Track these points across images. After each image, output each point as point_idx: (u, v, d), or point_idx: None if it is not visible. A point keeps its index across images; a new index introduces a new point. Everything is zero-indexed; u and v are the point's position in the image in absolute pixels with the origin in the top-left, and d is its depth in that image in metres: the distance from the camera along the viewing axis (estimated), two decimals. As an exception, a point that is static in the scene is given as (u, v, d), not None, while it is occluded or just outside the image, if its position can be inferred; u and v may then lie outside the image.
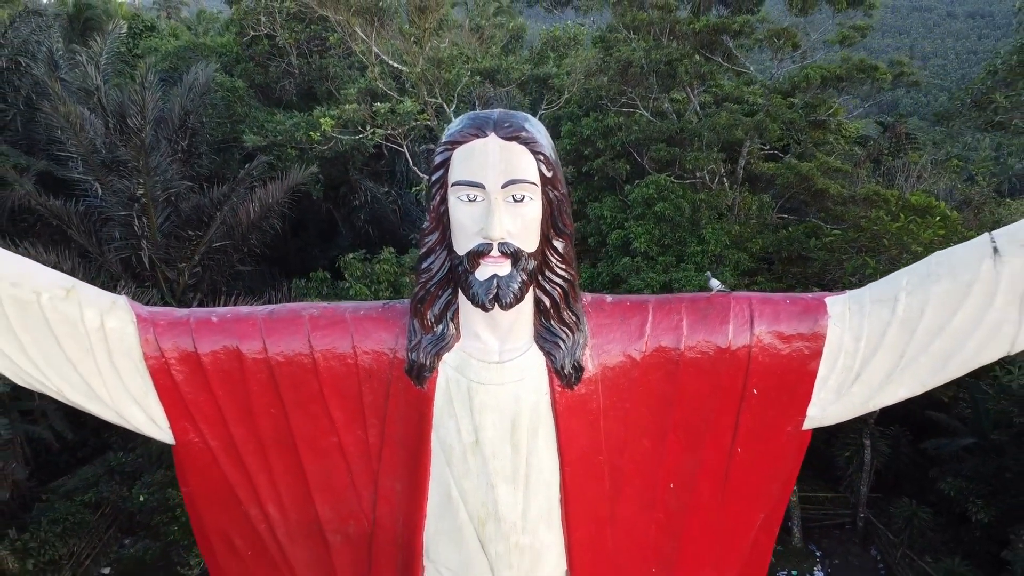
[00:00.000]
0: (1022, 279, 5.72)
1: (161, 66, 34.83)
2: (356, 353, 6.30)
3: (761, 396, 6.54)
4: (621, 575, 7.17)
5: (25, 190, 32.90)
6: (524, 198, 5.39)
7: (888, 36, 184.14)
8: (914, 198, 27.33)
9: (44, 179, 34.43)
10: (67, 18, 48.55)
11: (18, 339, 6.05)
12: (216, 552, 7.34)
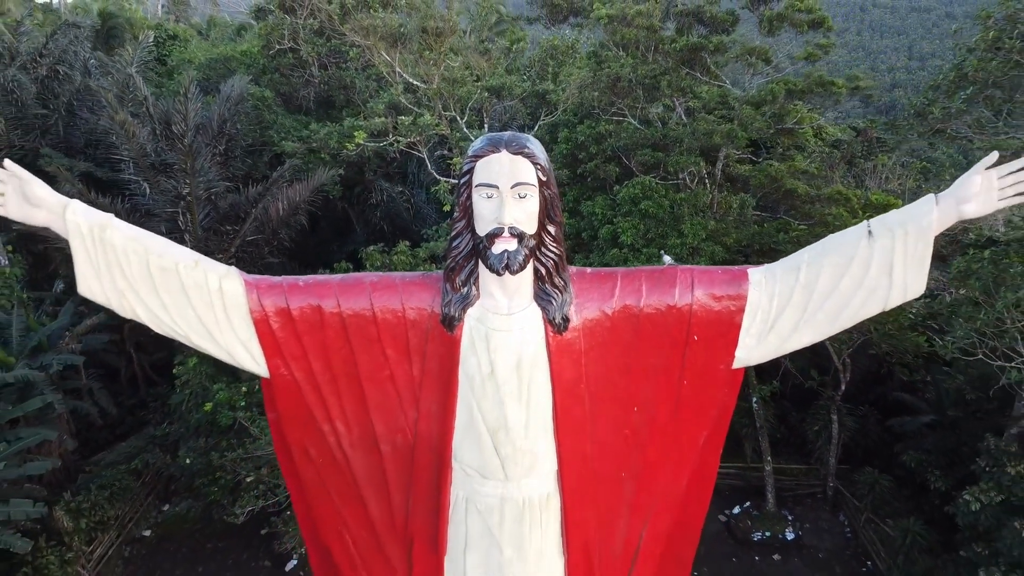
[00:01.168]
0: (889, 254, 7.45)
1: (195, 76, 35.76)
2: (404, 309, 7.97)
3: (700, 341, 8.15)
4: (598, 477, 8.73)
5: (76, 189, 33.99)
6: (526, 195, 7.12)
7: (888, 36, 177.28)
8: (875, 196, 28.11)
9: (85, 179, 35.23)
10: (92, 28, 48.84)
11: (160, 298, 7.74)
12: (296, 461, 8.90)
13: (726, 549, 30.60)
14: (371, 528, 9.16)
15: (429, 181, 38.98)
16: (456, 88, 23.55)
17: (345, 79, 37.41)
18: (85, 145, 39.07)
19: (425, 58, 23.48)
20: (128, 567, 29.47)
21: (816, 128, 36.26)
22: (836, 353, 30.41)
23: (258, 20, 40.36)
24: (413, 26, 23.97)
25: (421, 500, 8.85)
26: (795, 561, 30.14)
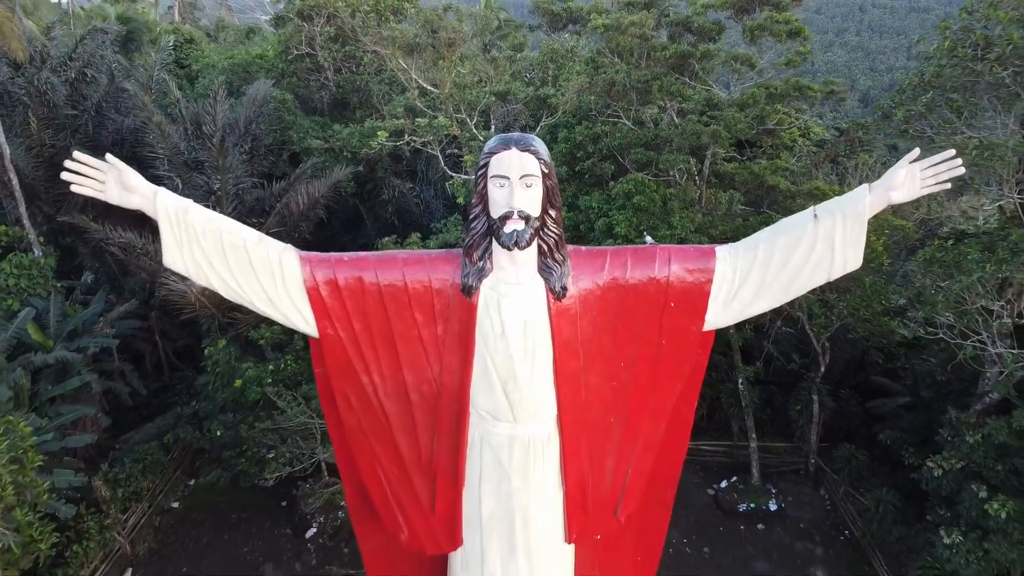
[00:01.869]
0: (831, 234, 8.71)
1: (220, 79, 36.61)
2: (430, 280, 9.21)
3: (676, 308, 9.37)
4: (590, 421, 9.94)
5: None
6: (532, 185, 8.40)
7: (887, 37, 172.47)
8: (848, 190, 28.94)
9: None
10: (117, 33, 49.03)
11: (230, 269, 8.97)
12: (339, 409, 10.10)
13: (714, 519, 31.63)
14: (401, 464, 10.38)
15: (437, 178, 39.71)
16: (466, 93, 24.56)
17: (359, 83, 38.18)
18: (112, 144, 39.57)
19: (439, 66, 24.47)
20: (158, 535, 30.52)
21: (803, 128, 37.11)
22: (816, 337, 31.32)
23: (277, 27, 41.26)
24: (426, 37, 24.90)
25: (443, 440, 10.08)
26: (778, 530, 31.09)
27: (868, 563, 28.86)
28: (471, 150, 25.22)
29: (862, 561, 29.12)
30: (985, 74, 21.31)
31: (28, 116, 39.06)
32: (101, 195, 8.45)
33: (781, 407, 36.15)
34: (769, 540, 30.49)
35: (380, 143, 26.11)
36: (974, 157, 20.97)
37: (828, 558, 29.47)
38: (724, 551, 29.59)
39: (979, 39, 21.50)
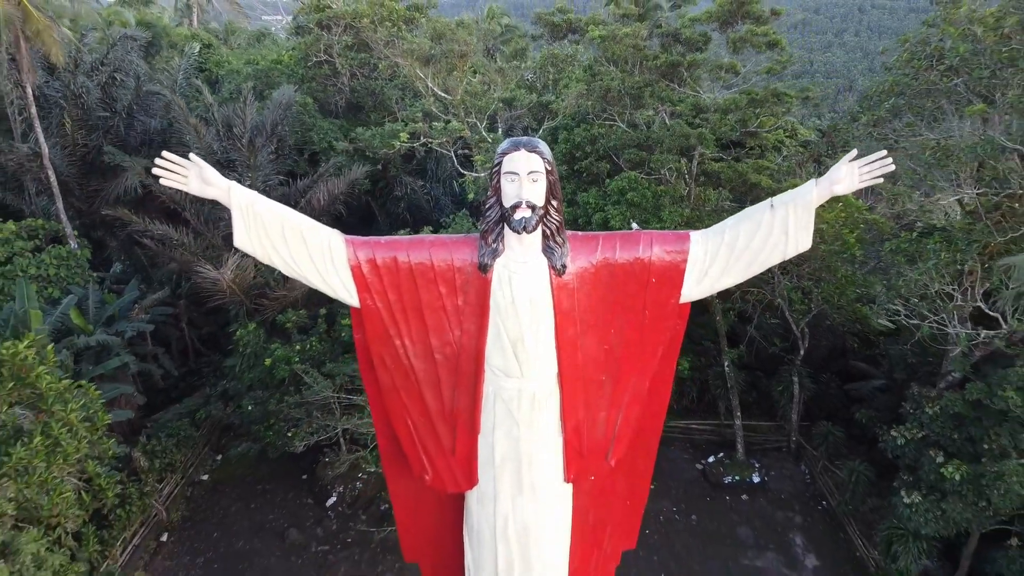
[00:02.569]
0: (784, 221, 10.00)
1: (243, 84, 37.63)
2: (452, 259, 10.47)
3: (657, 283, 10.61)
4: (585, 378, 11.17)
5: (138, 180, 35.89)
6: (537, 179, 9.71)
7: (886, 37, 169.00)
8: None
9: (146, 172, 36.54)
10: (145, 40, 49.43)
11: (290, 251, 10.20)
12: (376, 368, 11.34)
13: (702, 491, 32.69)
14: (427, 415, 11.71)
15: (446, 176, 40.74)
16: (476, 100, 25.67)
17: (374, 88, 39.29)
18: (140, 144, 40.41)
19: (452, 75, 25.56)
20: (190, 505, 31.62)
21: (790, 130, 38.03)
22: (795, 323, 32.42)
23: (298, 36, 42.28)
24: (440, 49, 25.95)
25: (463, 394, 11.41)
26: (760, 501, 32.10)
27: (843, 530, 29.93)
28: (480, 150, 26.22)
29: (838, 528, 30.20)
30: (938, 82, 22.52)
31: (63, 118, 39.95)
32: (184, 187, 9.76)
33: (765, 390, 36.99)
34: (752, 510, 31.49)
35: (401, 144, 27.19)
36: (927, 157, 22.22)
37: (806, 525, 30.52)
38: (710, 519, 30.67)
39: (934, 51, 22.73)
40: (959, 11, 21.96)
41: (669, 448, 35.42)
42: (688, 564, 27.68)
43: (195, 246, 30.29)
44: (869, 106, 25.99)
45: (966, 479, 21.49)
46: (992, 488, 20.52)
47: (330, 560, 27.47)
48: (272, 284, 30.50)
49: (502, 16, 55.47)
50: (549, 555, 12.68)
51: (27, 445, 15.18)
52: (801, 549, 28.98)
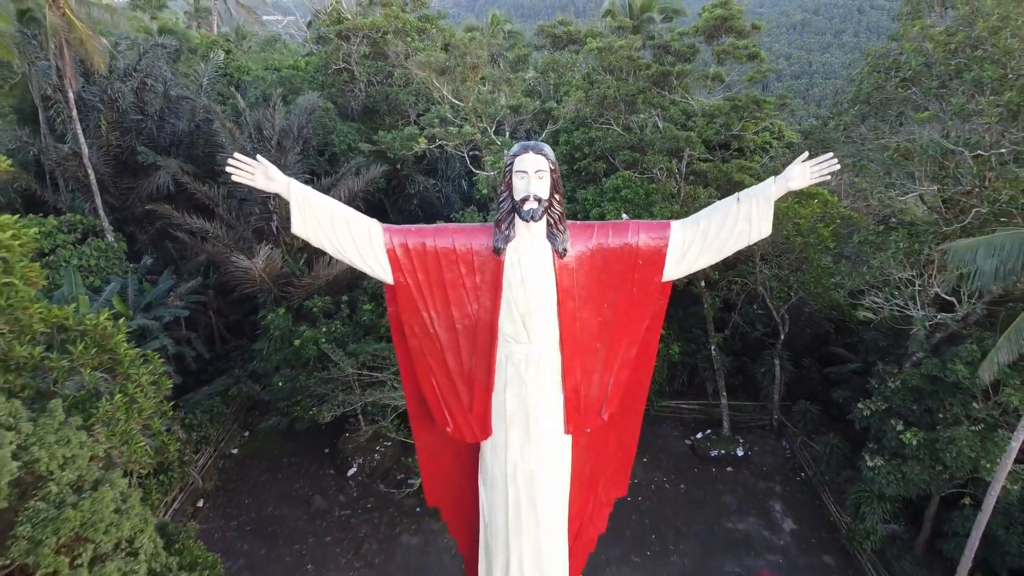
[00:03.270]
0: (748, 211, 11.33)
1: (270, 90, 38.79)
2: (471, 244, 11.79)
3: (643, 264, 11.94)
4: (582, 345, 12.47)
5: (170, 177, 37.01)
6: (543, 176, 11.04)
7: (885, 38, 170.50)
8: (812, 189, 31.47)
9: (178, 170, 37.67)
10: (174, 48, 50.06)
11: (338, 237, 11.38)
12: (406, 336, 12.61)
13: (690, 463, 33.93)
14: (449, 376, 13.10)
15: (455, 175, 41.91)
16: (486, 107, 26.87)
17: (389, 93, 40.45)
18: (169, 144, 41.28)
19: (466, 86, 26.79)
20: (222, 475, 32.86)
21: (778, 132, 39.06)
22: (776, 310, 33.72)
23: (319, 46, 43.44)
24: (455, 61, 27.13)
25: (479, 358, 12.81)
26: (744, 472, 33.30)
27: (819, 498, 31.20)
28: (490, 152, 27.33)
29: (814, 497, 31.46)
30: (895, 92, 23.87)
31: (100, 120, 41.05)
32: (252, 182, 11.14)
33: (750, 373, 38.03)
34: (736, 480, 32.70)
35: (421, 146, 28.42)
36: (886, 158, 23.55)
37: (785, 494, 31.78)
38: (697, 488, 31.96)
39: (892, 63, 24.07)
40: (914, 28, 23.27)
41: (661, 426, 36.61)
42: (676, 527, 29.04)
43: (227, 238, 31.51)
44: (838, 112, 27.31)
45: (923, 444, 22.84)
46: (945, 451, 21.88)
47: (352, 523, 28.85)
48: (297, 273, 31.79)
49: (505, 23, 56.23)
50: (552, 497, 14.14)
51: (110, 400, 16.78)
52: (780, 514, 30.25)
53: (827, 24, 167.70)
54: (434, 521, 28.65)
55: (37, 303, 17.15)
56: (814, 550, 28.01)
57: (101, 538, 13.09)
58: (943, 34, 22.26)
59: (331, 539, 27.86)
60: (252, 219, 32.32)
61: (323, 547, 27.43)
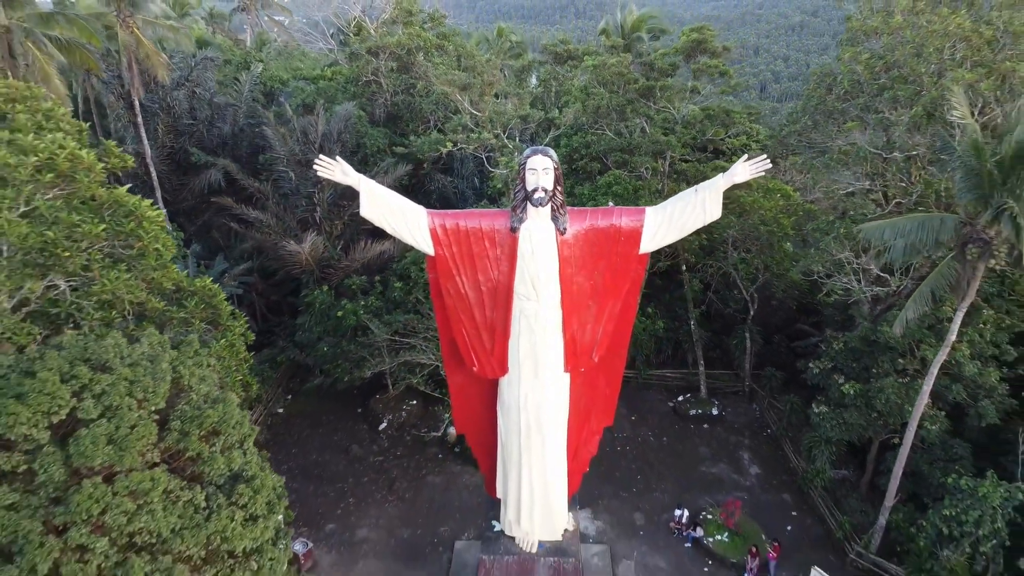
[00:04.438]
0: (703, 199, 13.75)
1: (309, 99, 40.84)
2: (493, 224, 14.22)
3: (624, 241, 14.41)
4: (578, 302, 14.90)
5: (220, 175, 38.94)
6: (548, 172, 13.47)
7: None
8: (770, 183, 33.71)
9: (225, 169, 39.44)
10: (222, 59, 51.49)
11: (395, 220, 13.78)
12: (443, 296, 15.05)
13: (672, 421, 36.02)
14: (476, 327, 15.55)
15: (468, 173, 43.82)
16: (500, 117, 28.93)
17: (411, 103, 42.55)
18: (216, 146, 42.71)
19: (483, 99, 28.92)
20: (271, 430, 34.95)
21: (755, 134, 40.86)
22: (745, 289, 35.87)
23: (351, 61, 45.49)
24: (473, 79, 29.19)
25: (499, 312, 15.24)
26: (718, 429, 35.36)
27: (781, 449, 33.31)
28: (503, 153, 29.26)
29: (777, 448, 33.60)
30: (832, 105, 26.21)
31: (158, 125, 42.98)
32: (332, 176, 13.50)
33: (726, 347, 39.80)
34: (711, 435, 34.78)
35: (448, 148, 30.56)
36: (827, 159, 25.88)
37: (753, 446, 33.96)
38: (678, 441, 34.15)
39: (831, 81, 26.39)
40: (846, 55, 25.51)
41: (648, 391, 38.71)
42: (659, 471, 31.37)
43: (276, 227, 33.71)
44: (793, 120, 29.59)
45: (859, 394, 25.08)
46: (876, 399, 24.16)
47: (384, 467, 31.26)
48: (336, 257, 34.06)
49: (510, 34, 57.69)
50: (554, 423, 16.71)
51: (218, 342, 19.51)
52: (747, 462, 32.50)
53: (825, 26, 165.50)
54: (454, 465, 31.06)
55: (171, 266, 20.00)
56: (775, 490, 30.33)
57: (230, 431, 16.50)
58: (872, 58, 24.50)
59: (367, 479, 30.30)
60: (297, 211, 34.36)
61: (361, 486, 29.88)
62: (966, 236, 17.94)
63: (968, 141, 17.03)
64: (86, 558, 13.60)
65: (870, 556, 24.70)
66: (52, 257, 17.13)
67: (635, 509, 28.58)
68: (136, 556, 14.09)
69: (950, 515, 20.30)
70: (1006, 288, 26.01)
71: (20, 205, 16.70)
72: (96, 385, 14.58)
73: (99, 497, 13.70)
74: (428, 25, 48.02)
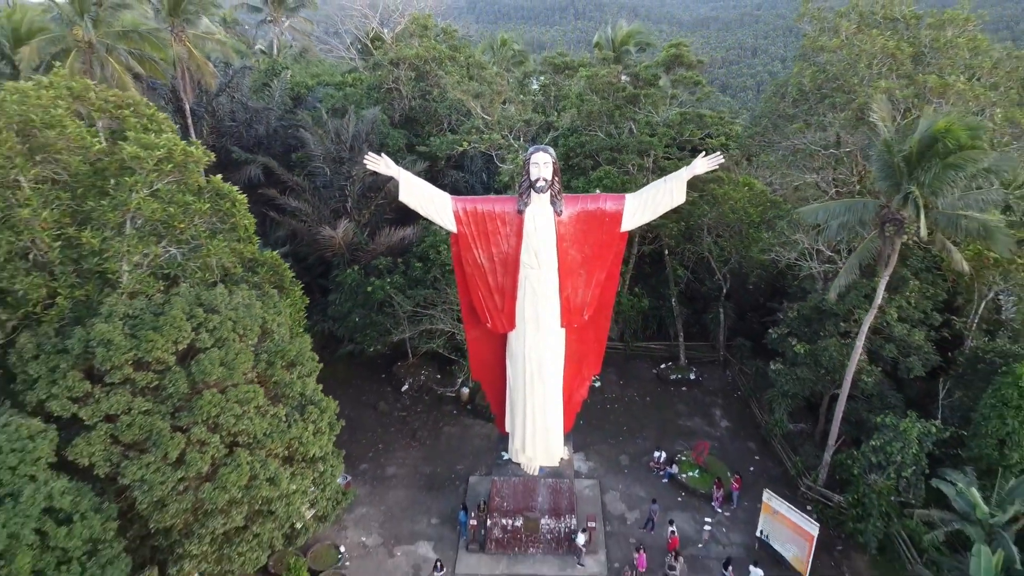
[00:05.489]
0: (671, 188, 16.31)
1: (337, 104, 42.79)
2: (504, 207, 16.76)
3: (608, 221, 16.87)
4: (571, 269, 17.39)
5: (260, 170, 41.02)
6: (548, 166, 16.01)
7: None
8: (740, 178, 35.68)
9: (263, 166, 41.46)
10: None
11: (427, 204, 16.42)
12: (464, 264, 17.57)
13: (655, 385, 38.13)
14: (490, 290, 17.91)
15: (477, 169, 45.84)
16: (507, 121, 31.04)
17: (428, 107, 44.56)
18: (253, 145, 44.19)
19: (492, 106, 31.05)
20: None
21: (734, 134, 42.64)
22: (718, 270, 37.95)
23: (374, 71, 47.47)
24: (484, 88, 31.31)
25: (508, 278, 17.60)
26: (695, 391, 37.51)
27: (748, 407, 35.48)
28: (509, 151, 31.35)
29: (745, 406, 35.80)
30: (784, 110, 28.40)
31: (203, 126, 44.92)
32: (377, 169, 15.87)
33: (704, 323, 41.79)
34: (688, 396, 36.99)
35: (463, 147, 32.76)
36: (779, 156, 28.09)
37: (724, 404, 36.18)
38: (659, 401, 36.40)
39: (783, 90, 28.59)
40: (795, 69, 27.70)
41: (635, 360, 40.87)
42: (642, 423, 33.71)
43: (313, 215, 35.86)
44: (754, 124, 31.77)
45: (808, 353, 27.28)
46: (822, 356, 26.47)
47: (407, 420, 33.66)
48: (364, 242, 36.28)
49: (513, 43, 59.16)
50: (552, 370, 19.12)
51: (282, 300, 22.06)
52: (718, 417, 34.82)
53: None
54: (467, 419, 33.47)
55: (254, 239, 23.49)
56: (741, 439, 32.69)
57: (304, 363, 20.24)
58: (816, 71, 26.71)
59: (393, 430, 32.73)
60: (331, 201, 36.51)
61: (388, 435, 32.32)
62: (884, 216, 20.24)
63: (881, 140, 19.35)
64: (204, 449, 17.23)
65: (818, 488, 27.13)
66: (169, 228, 20.65)
67: (621, 453, 31.04)
68: (240, 450, 17.82)
69: (877, 446, 22.69)
70: (933, 264, 28.22)
71: (145, 188, 19.99)
72: (209, 323, 18.25)
73: (216, 403, 17.33)
74: (441, 37, 49.95)
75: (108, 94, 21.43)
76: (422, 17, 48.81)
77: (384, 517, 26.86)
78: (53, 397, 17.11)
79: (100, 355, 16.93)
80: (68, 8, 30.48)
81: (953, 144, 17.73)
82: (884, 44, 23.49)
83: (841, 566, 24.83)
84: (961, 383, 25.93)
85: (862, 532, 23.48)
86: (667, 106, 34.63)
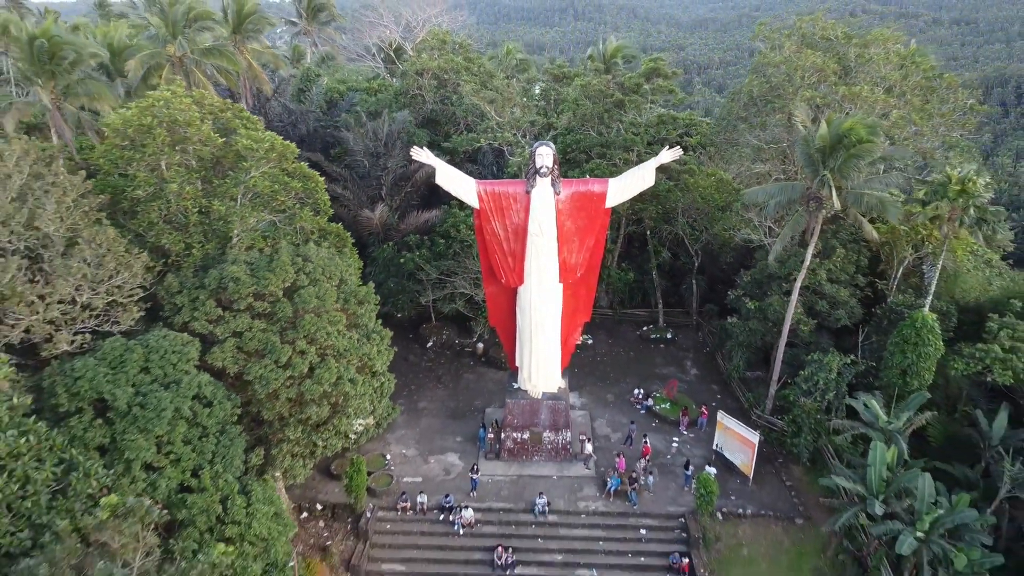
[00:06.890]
0: (643, 174, 19.56)
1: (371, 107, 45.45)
2: (516, 189, 20.02)
3: (595, 199, 20.14)
4: (568, 238, 20.59)
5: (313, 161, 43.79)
6: (549, 156, 19.33)
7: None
8: (710, 171, 38.45)
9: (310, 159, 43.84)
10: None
11: (456, 186, 19.77)
12: (484, 233, 20.82)
13: (638, 344, 41.25)
14: (504, 253, 21.06)
15: (488, 162, 48.46)
16: (516, 122, 33.95)
17: (448, 110, 47.14)
18: (300, 141, 46.90)
19: (503, 109, 33.86)
20: None
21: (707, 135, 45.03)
22: (691, 246, 40.90)
23: (401, 79, 50.02)
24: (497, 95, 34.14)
25: (518, 244, 20.74)
26: (671, 348, 40.56)
27: (714, 360, 38.54)
28: (516, 146, 34.09)
29: (712, 360, 38.85)
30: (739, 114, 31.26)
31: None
32: (421, 159, 18.91)
33: (680, 292, 44.70)
34: (667, 352, 40.08)
35: (479, 145, 35.65)
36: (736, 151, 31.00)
37: (695, 358, 39.24)
38: (641, 356, 39.52)
39: (738, 97, 31.44)
40: (749, 78, 30.54)
41: (621, 325, 43.81)
42: (625, 371, 36.93)
43: (354, 201, 38.75)
44: (719, 123, 34.61)
45: (757, 308, 30.40)
46: (767, 310, 29.57)
47: (433, 368, 36.95)
48: (395, 223, 39.21)
49: (517, 52, 61.27)
50: (553, 316, 22.26)
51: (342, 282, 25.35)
52: (689, 367, 37.98)
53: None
54: (483, 368, 36.74)
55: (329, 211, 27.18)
56: (706, 383, 35.92)
57: (355, 308, 23.45)
58: (762, 82, 29.59)
59: (422, 376, 36.06)
60: (368, 189, 39.44)
61: (417, 380, 35.63)
62: (808, 195, 23.25)
63: (801, 137, 22.39)
64: (304, 357, 21.36)
65: (765, 417, 30.39)
66: (270, 201, 24.84)
67: (607, 392, 34.36)
68: (329, 358, 21.89)
69: (807, 375, 25.87)
70: (859, 236, 31.20)
71: (255, 171, 24.19)
72: (306, 267, 22.57)
73: (312, 324, 21.93)
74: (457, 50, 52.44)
75: (216, 100, 24.68)
76: (441, 32, 51.34)
77: (419, 436, 30.46)
78: (195, 319, 21.55)
79: (231, 288, 21.37)
80: (164, 30, 33.47)
81: (856, 139, 20.76)
82: (814, 60, 26.40)
83: (781, 474, 28.17)
84: (879, 331, 29.02)
85: (796, 446, 26.73)
86: (648, 109, 37.31)
